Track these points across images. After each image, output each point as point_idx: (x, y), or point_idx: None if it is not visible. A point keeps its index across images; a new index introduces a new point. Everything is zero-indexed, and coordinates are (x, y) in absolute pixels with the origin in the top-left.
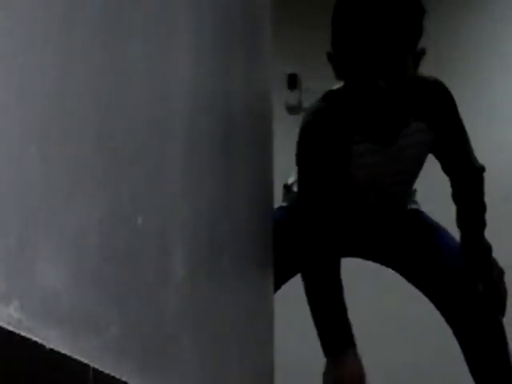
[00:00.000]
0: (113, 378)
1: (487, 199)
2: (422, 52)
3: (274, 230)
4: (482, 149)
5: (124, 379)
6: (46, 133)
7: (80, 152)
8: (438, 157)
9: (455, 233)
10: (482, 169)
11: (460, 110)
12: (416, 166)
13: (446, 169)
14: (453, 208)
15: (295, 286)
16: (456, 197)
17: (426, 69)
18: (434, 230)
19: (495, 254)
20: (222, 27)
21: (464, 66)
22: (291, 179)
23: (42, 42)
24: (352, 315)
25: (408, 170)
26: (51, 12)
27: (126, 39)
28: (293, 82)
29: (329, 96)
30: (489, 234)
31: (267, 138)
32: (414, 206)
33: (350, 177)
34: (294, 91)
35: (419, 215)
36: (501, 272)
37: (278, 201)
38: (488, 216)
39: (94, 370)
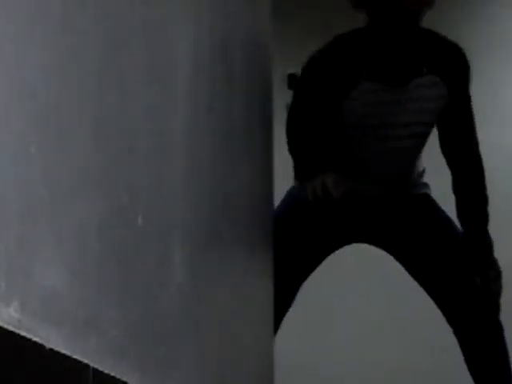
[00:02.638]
0: (113, 377)
1: None
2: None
3: (294, 210)
4: (482, 149)
5: (124, 379)
6: (45, 133)
7: (80, 152)
8: (443, 131)
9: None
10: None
11: None
12: (430, 125)
13: (448, 150)
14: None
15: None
16: (457, 187)
17: None
18: (442, 220)
19: (496, 252)
20: (221, 32)
21: None
22: None
23: (42, 42)
24: (352, 315)
25: (422, 124)
26: (51, 12)
27: (126, 37)
28: (293, 82)
29: (339, 36)
30: (489, 232)
31: (267, 138)
32: (423, 191)
33: (348, 111)
34: None
35: (428, 202)
36: (498, 273)
37: (278, 198)
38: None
39: (94, 370)
